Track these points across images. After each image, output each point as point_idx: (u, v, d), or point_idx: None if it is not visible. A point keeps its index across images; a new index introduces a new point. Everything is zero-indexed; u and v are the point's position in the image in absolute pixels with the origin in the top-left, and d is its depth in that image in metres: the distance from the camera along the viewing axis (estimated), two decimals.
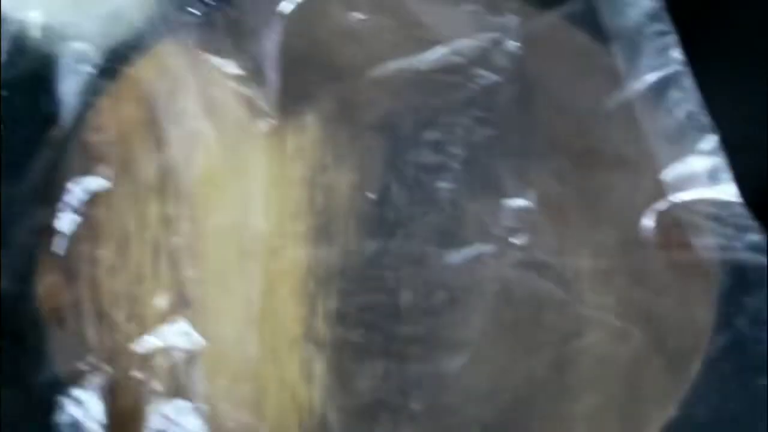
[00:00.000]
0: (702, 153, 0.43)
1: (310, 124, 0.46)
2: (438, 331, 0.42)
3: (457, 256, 0.43)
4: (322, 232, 0.44)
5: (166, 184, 0.44)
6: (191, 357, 0.41)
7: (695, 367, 0.41)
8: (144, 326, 0.42)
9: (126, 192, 0.44)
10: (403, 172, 0.44)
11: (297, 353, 0.43)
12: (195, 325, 0.42)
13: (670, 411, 0.41)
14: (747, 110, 0.47)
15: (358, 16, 0.46)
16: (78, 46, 0.45)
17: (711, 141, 0.43)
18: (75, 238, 0.43)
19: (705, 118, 0.43)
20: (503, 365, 0.42)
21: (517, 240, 0.43)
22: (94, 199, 0.43)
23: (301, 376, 0.42)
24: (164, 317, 0.42)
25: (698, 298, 0.42)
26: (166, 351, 0.41)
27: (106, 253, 0.43)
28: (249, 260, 0.43)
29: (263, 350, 0.42)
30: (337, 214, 0.44)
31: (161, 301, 0.42)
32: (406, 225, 0.44)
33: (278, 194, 0.45)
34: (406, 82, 0.45)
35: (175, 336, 0.42)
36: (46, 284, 0.42)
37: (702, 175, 0.43)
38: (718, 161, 0.43)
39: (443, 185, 0.44)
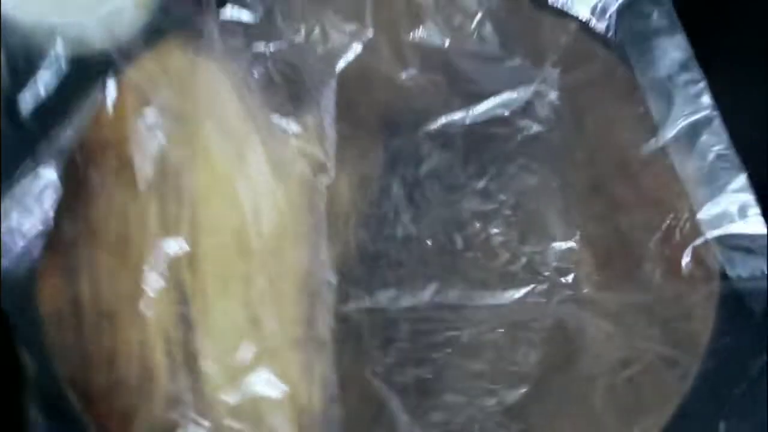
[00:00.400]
0: (733, 191, 0.47)
1: (311, 123, 0.50)
2: (501, 365, 0.46)
3: (512, 294, 0.47)
4: (321, 232, 0.47)
5: (242, 240, 0.47)
6: (277, 404, 0.45)
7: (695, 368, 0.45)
8: (231, 376, 0.45)
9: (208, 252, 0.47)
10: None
11: (297, 354, 0.46)
12: (277, 373, 0.45)
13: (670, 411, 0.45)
14: (753, 113, 0.51)
15: (409, 73, 0.50)
16: None
17: (741, 180, 0.47)
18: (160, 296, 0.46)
19: (735, 159, 0.47)
20: (561, 395, 0.46)
21: (564, 279, 0.47)
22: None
23: (301, 376, 0.45)
24: (249, 367, 0.45)
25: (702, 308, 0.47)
26: (253, 400, 0.45)
27: (193, 312, 0.46)
28: (321, 309, 0.47)
29: (263, 351, 0.45)
30: (339, 213, 0.48)
31: (246, 352, 0.45)
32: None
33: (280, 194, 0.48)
34: (456, 134, 0.49)
35: (260, 384, 0.45)
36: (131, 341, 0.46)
37: (733, 211, 0.47)
38: (748, 198, 0.47)
39: (495, 230, 0.48)
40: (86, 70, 0.47)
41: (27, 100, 0.46)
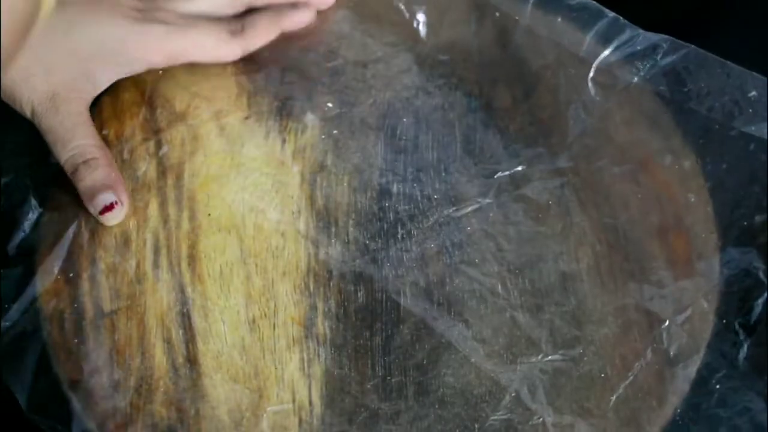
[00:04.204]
0: None
1: (310, 123, 0.50)
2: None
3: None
4: (322, 231, 0.48)
5: (241, 241, 0.48)
6: (277, 403, 0.45)
7: (694, 369, 0.45)
8: (232, 377, 0.45)
9: (208, 252, 0.47)
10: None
11: (297, 353, 0.46)
12: (277, 373, 0.45)
13: (670, 411, 0.45)
14: None
15: None
16: None
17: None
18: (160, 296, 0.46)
19: None
20: None
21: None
22: None
23: (301, 376, 0.45)
24: (249, 367, 0.45)
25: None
26: (254, 399, 0.45)
27: (193, 312, 0.46)
28: (321, 309, 0.47)
29: (263, 350, 0.46)
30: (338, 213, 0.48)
31: (246, 351, 0.45)
32: None
33: (280, 193, 0.49)
34: None
35: (260, 384, 0.45)
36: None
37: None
38: None
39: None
40: None
41: None
